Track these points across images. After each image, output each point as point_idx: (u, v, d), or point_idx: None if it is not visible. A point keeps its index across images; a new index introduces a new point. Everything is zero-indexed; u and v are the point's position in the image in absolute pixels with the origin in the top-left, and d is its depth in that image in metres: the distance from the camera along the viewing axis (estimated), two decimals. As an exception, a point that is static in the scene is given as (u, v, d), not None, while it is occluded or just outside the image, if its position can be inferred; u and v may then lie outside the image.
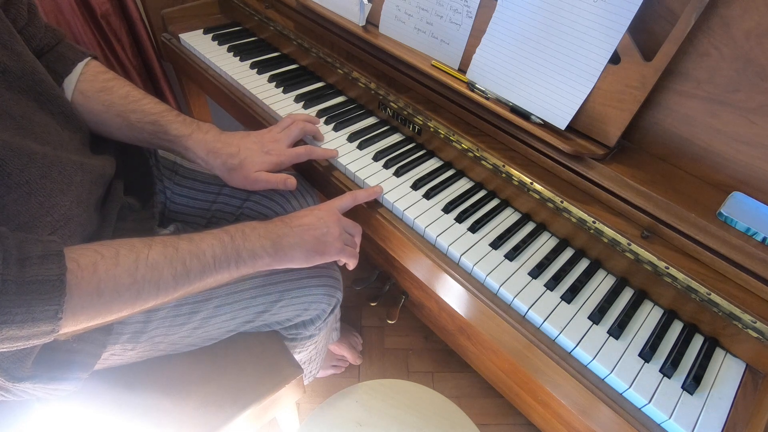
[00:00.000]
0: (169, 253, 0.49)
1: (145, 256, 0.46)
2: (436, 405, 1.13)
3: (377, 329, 1.30)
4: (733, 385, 0.53)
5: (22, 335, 0.38)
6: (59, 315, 0.39)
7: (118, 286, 0.44)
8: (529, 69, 0.64)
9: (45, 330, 0.39)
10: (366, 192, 0.69)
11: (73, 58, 0.64)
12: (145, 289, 0.46)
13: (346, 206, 0.66)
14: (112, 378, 0.65)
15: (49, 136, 0.52)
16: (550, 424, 0.92)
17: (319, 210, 0.63)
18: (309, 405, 1.13)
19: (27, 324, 0.37)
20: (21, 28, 0.58)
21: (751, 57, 0.51)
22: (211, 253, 0.52)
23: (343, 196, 0.67)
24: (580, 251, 0.66)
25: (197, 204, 0.78)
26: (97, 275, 0.42)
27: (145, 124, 0.66)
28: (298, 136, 0.73)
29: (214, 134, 0.68)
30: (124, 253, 0.45)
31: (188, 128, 0.67)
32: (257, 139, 0.70)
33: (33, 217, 0.47)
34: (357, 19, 0.80)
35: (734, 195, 0.56)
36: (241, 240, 0.55)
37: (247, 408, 0.66)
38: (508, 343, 0.60)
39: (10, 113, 0.48)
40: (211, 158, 0.67)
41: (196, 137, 0.67)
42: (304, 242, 0.59)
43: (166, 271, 0.48)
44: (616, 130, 0.59)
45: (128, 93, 0.66)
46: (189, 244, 0.51)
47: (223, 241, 0.53)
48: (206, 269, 0.51)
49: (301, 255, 0.60)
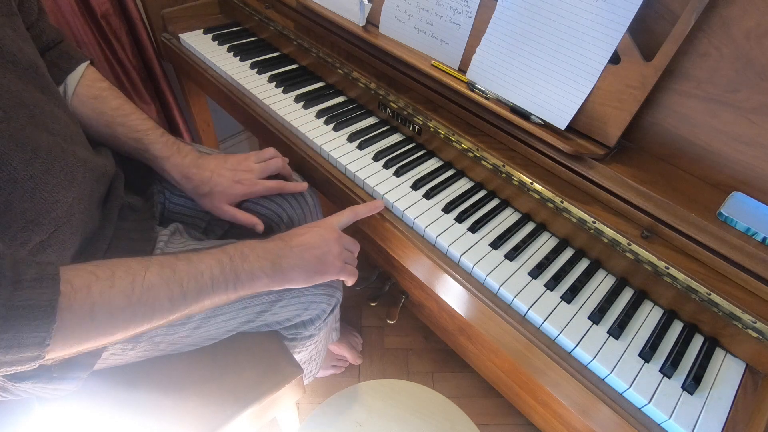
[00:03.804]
0: (167, 274, 0.47)
1: (142, 277, 0.45)
2: (436, 405, 1.13)
3: (377, 329, 1.30)
4: (733, 385, 0.53)
5: (6, 360, 0.36)
6: (47, 342, 0.37)
7: (112, 309, 0.42)
8: (529, 69, 0.64)
9: (30, 356, 0.37)
10: (366, 207, 0.68)
11: (76, 57, 0.66)
12: (140, 312, 0.44)
13: (346, 223, 0.65)
14: (112, 378, 0.65)
15: (59, 128, 0.52)
16: (550, 424, 0.92)
17: (318, 228, 0.62)
18: (309, 405, 1.13)
19: (12, 349, 0.36)
20: (31, 23, 0.58)
21: (751, 57, 0.51)
22: (209, 275, 0.50)
23: (343, 212, 0.65)
24: (580, 251, 0.66)
25: (196, 204, 0.78)
26: (91, 297, 0.41)
27: (129, 139, 0.67)
28: (273, 172, 0.74)
29: (192, 159, 0.69)
30: (120, 275, 0.44)
31: (168, 151, 0.68)
32: (232, 166, 0.71)
33: (39, 213, 0.47)
34: (357, 19, 0.80)
35: (734, 195, 0.56)
36: (239, 261, 0.53)
37: (247, 408, 0.66)
38: (508, 343, 0.60)
39: (24, 102, 0.48)
40: (184, 182, 0.69)
41: (174, 161, 0.68)
42: (304, 262, 0.58)
43: (162, 293, 0.46)
44: (616, 130, 0.59)
45: (120, 105, 0.68)
46: (187, 265, 0.49)
47: (221, 263, 0.52)
48: (203, 291, 0.50)
49: (301, 276, 0.58)
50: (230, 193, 0.69)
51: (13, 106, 0.46)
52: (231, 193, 0.69)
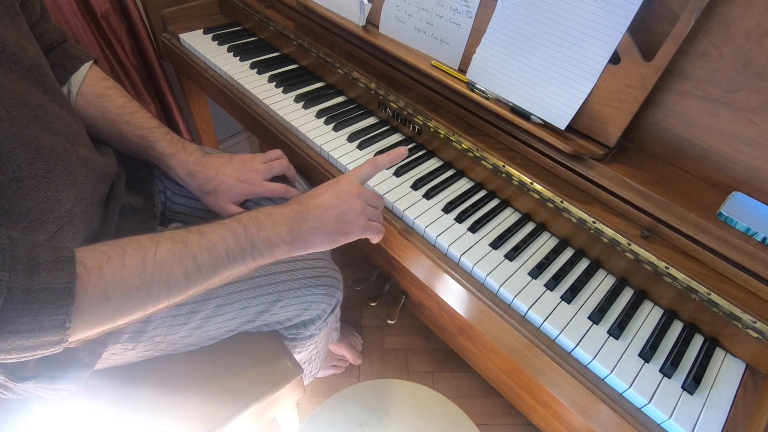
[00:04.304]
0: (178, 249, 0.46)
1: (153, 254, 0.44)
2: (436, 405, 1.13)
3: (377, 329, 1.30)
4: (733, 385, 0.53)
5: (29, 345, 0.37)
6: (67, 324, 0.37)
7: (126, 289, 0.42)
8: (529, 69, 0.64)
9: (53, 340, 0.38)
10: (388, 156, 0.61)
11: (80, 56, 0.66)
12: (155, 290, 0.44)
13: (367, 176, 0.60)
14: (113, 377, 0.65)
15: (61, 127, 0.52)
16: (550, 424, 0.92)
17: (338, 184, 0.57)
18: (309, 405, 1.13)
19: (33, 334, 0.36)
20: (33, 23, 0.58)
21: (751, 57, 0.51)
22: (224, 246, 0.48)
23: (363, 165, 0.60)
24: (580, 251, 0.66)
25: (197, 204, 0.78)
26: (103, 279, 0.40)
27: (134, 137, 0.67)
28: (278, 173, 0.74)
29: (197, 157, 0.70)
30: (131, 253, 0.43)
31: (173, 148, 0.69)
32: (237, 165, 0.71)
33: (42, 212, 0.47)
34: (357, 19, 0.80)
35: (734, 195, 0.56)
36: (255, 229, 0.51)
37: (247, 407, 0.66)
38: (508, 343, 0.60)
39: (26, 102, 0.47)
40: (189, 180, 0.69)
41: (179, 158, 0.69)
42: (324, 224, 0.55)
43: (176, 269, 0.45)
44: (616, 130, 0.59)
45: (124, 104, 0.68)
46: (199, 237, 0.48)
47: (235, 232, 0.50)
48: (219, 263, 0.48)
49: (323, 238, 0.55)
50: (235, 192, 0.69)
51: (15, 106, 0.46)
52: (235, 192, 0.69)
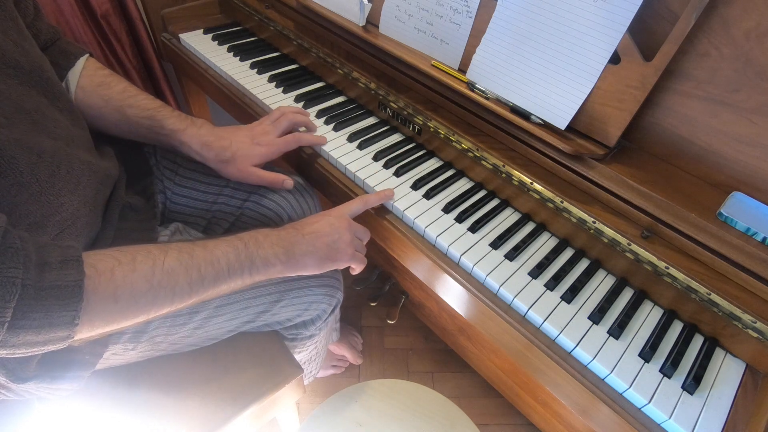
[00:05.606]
0: (185, 259, 0.49)
1: (162, 262, 0.47)
2: (436, 405, 1.13)
3: (377, 329, 1.30)
4: (733, 385, 0.53)
5: (39, 340, 0.38)
6: (76, 321, 0.39)
7: (134, 292, 0.44)
8: (529, 69, 0.64)
9: (61, 336, 0.39)
10: (377, 196, 0.69)
11: (74, 52, 0.66)
12: (161, 296, 0.46)
13: (357, 211, 0.66)
14: (113, 377, 0.65)
15: (60, 131, 0.52)
16: (550, 424, 0.92)
17: (329, 216, 0.63)
18: (309, 405, 1.13)
19: (44, 329, 0.38)
20: (28, 23, 0.58)
21: (751, 57, 0.51)
22: (225, 260, 0.52)
23: (353, 201, 0.67)
24: (580, 251, 0.66)
25: (198, 204, 0.78)
26: (114, 281, 0.43)
27: (142, 118, 0.67)
28: (287, 128, 0.75)
29: (208, 129, 0.70)
30: (140, 259, 0.46)
31: (183, 123, 0.69)
32: (248, 132, 0.72)
33: (43, 216, 0.47)
34: (357, 19, 0.80)
35: (734, 195, 0.56)
36: (254, 247, 0.55)
37: (247, 408, 0.66)
38: (508, 343, 0.60)
39: (24, 108, 0.48)
40: (204, 151, 0.69)
41: (191, 132, 0.69)
42: (316, 249, 0.60)
43: (181, 278, 0.48)
44: (616, 130, 0.59)
45: (125, 89, 0.68)
46: (204, 251, 0.51)
47: (237, 249, 0.54)
48: (220, 276, 0.52)
49: (314, 262, 0.60)
50: (252, 154, 0.70)
51: (14, 112, 0.46)
52: (253, 154, 0.70)
